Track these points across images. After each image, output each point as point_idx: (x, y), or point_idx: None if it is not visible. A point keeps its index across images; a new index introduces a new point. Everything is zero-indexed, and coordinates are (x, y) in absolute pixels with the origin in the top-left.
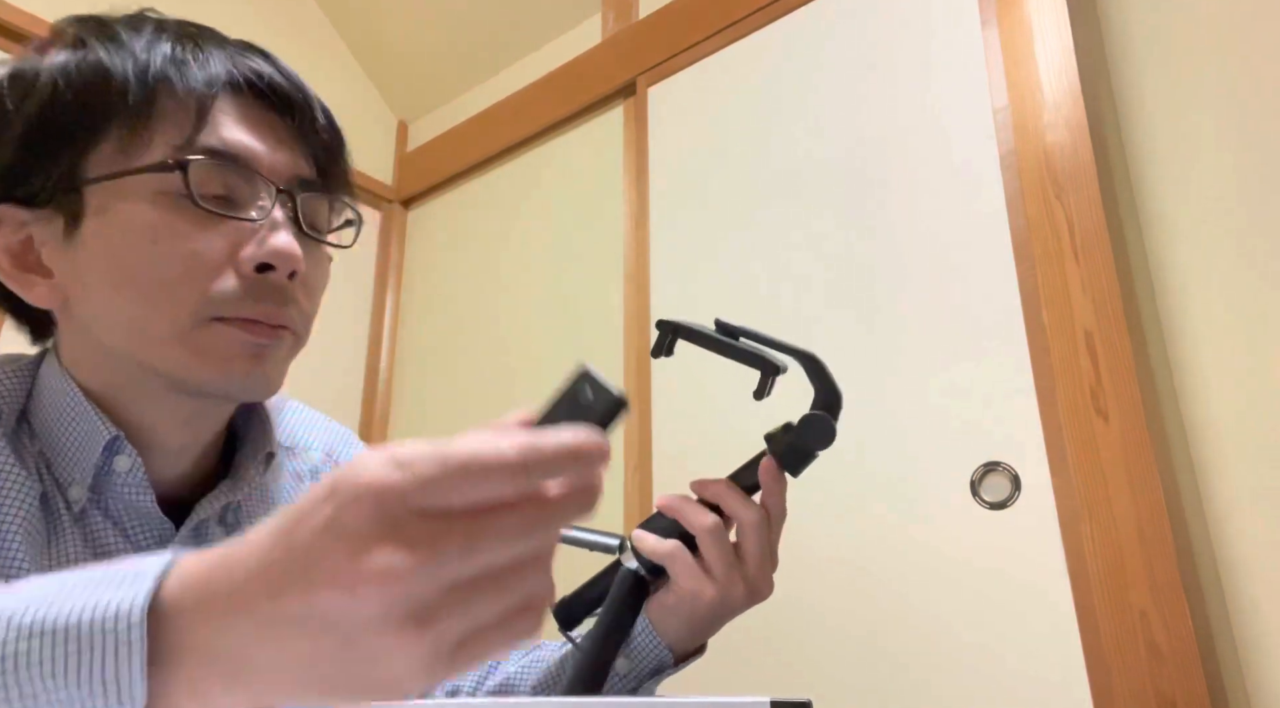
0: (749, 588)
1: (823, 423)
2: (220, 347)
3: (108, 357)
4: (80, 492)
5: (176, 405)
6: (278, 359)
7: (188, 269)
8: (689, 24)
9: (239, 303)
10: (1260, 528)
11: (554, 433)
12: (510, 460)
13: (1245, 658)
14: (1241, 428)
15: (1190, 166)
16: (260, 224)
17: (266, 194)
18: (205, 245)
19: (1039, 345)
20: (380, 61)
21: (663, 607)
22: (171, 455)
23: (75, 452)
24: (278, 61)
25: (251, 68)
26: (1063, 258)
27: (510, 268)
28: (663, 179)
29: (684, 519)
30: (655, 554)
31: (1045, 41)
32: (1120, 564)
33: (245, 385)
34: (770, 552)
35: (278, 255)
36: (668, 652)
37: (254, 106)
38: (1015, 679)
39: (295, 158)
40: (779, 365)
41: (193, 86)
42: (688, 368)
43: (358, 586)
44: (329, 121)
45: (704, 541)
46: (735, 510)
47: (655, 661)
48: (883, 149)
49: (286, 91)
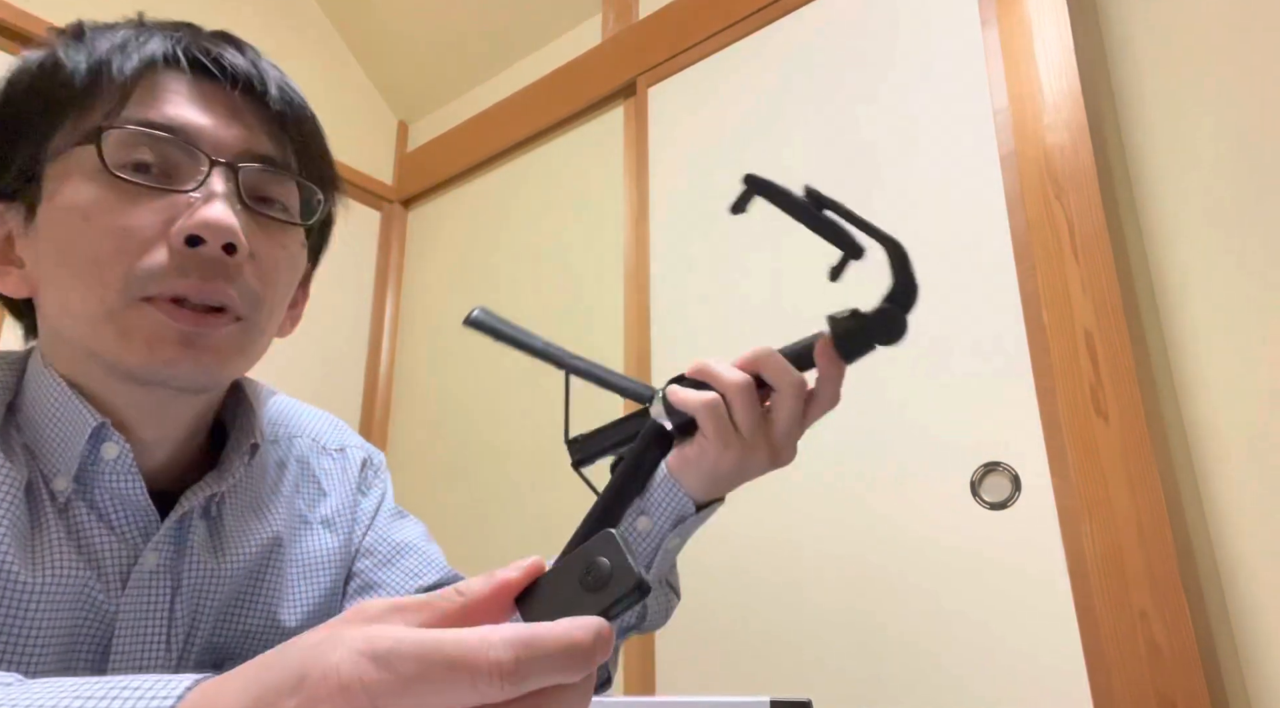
0: (772, 452)
1: (896, 316)
2: (145, 328)
3: (66, 344)
4: (65, 483)
5: (132, 393)
6: (218, 348)
7: (118, 245)
8: (689, 24)
9: (165, 277)
10: (1260, 528)
11: (551, 630)
12: (502, 666)
13: (1245, 658)
14: (1241, 428)
15: (1190, 167)
16: (196, 198)
17: (205, 167)
18: (137, 220)
19: (1039, 345)
20: (380, 62)
21: (684, 459)
22: (149, 446)
23: (60, 442)
24: (242, 44)
25: (201, 45)
26: (1063, 258)
27: (510, 268)
28: (663, 179)
29: (713, 378)
30: (688, 405)
31: (1045, 42)
32: (1120, 564)
33: (174, 372)
34: (800, 422)
35: (205, 226)
36: (688, 500)
37: (207, 84)
38: (1016, 679)
39: (251, 134)
40: (860, 248)
41: (127, 65)
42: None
43: None
44: (285, 96)
45: (733, 398)
46: (776, 376)
47: (676, 510)
48: (883, 149)
49: (237, 67)
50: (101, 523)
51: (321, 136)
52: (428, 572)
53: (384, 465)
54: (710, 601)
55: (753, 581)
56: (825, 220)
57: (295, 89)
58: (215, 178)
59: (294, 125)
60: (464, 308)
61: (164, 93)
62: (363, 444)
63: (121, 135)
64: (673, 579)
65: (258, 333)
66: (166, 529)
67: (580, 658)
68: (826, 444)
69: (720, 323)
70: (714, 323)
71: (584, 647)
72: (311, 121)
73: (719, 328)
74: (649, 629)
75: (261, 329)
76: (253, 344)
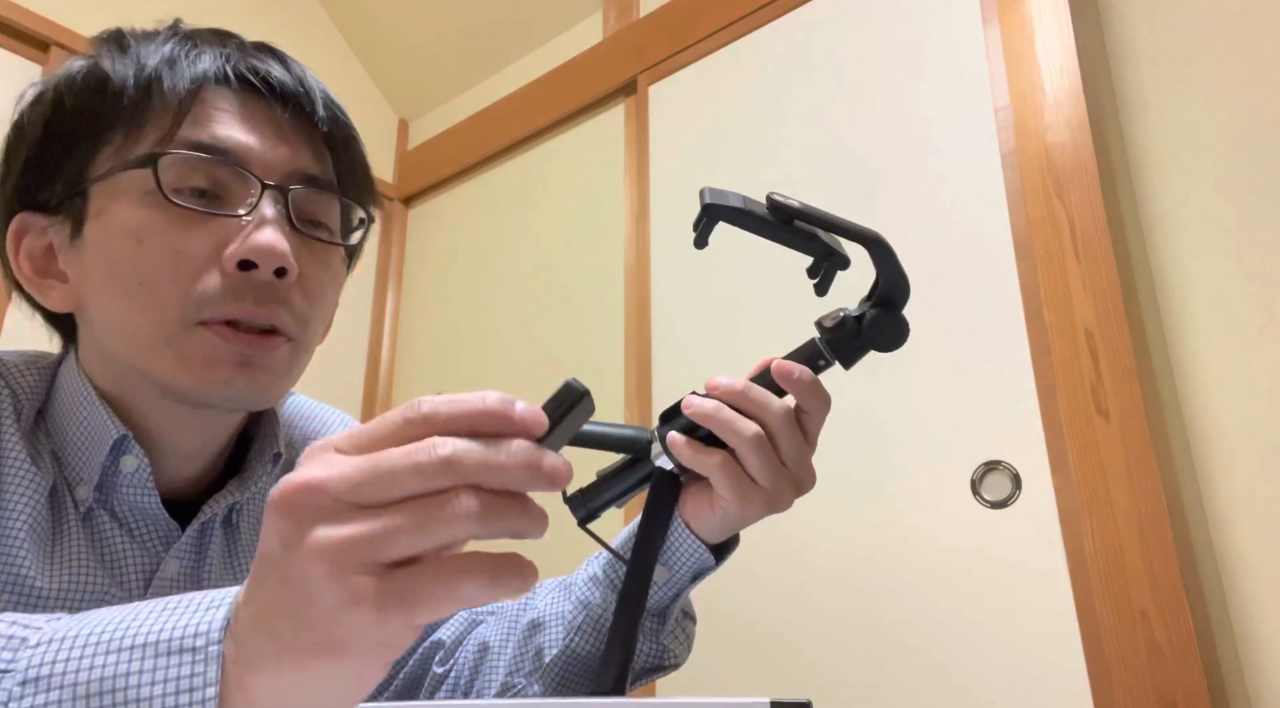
0: (794, 487)
1: (894, 321)
2: (203, 352)
3: (111, 361)
4: (87, 491)
5: (179, 412)
6: (271, 368)
7: (172, 269)
8: (690, 22)
9: (220, 302)
10: (1260, 527)
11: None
12: (450, 462)
13: (1245, 657)
14: (1241, 427)
15: (1191, 166)
16: (247, 221)
17: (256, 190)
18: (189, 244)
19: (1040, 344)
20: (381, 60)
21: (697, 511)
22: (183, 460)
23: (84, 450)
24: (286, 58)
25: (249, 63)
26: (1064, 257)
27: (511, 266)
28: (663, 177)
29: (725, 433)
30: (697, 465)
31: (1046, 40)
32: (1120, 563)
33: (229, 394)
34: (811, 442)
35: (258, 251)
36: (708, 555)
37: (255, 102)
38: (1016, 678)
39: (297, 154)
40: (844, 256)
41: (179, 83)
42: (688, 367)
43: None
44: (332, 115)
45: (748, 455)
46: (763, 414)
47: (696, 563)
48: (884, 148)
49: (285, 85)
50: (123, 531)
51: (363, 153)
52: None
53: None
54: (710, 601)
55: (752, 581)
56: (799, 231)
57: (340, 106)
58: (266, 202)
59: (340, 145)
60: (463, 306)
61: (214, 112)
62: None
63: (176, 160)
64: (688, 607)
65: (305, 351)
66: (188, 537)
67: (489, 412)
68: (826, 444)
69: (721, 322)
70: (714, 321)
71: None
72: (355, 139)
73: (719, 327)
74: (677, 664)
75: (308, 347)
76: (300, 362)
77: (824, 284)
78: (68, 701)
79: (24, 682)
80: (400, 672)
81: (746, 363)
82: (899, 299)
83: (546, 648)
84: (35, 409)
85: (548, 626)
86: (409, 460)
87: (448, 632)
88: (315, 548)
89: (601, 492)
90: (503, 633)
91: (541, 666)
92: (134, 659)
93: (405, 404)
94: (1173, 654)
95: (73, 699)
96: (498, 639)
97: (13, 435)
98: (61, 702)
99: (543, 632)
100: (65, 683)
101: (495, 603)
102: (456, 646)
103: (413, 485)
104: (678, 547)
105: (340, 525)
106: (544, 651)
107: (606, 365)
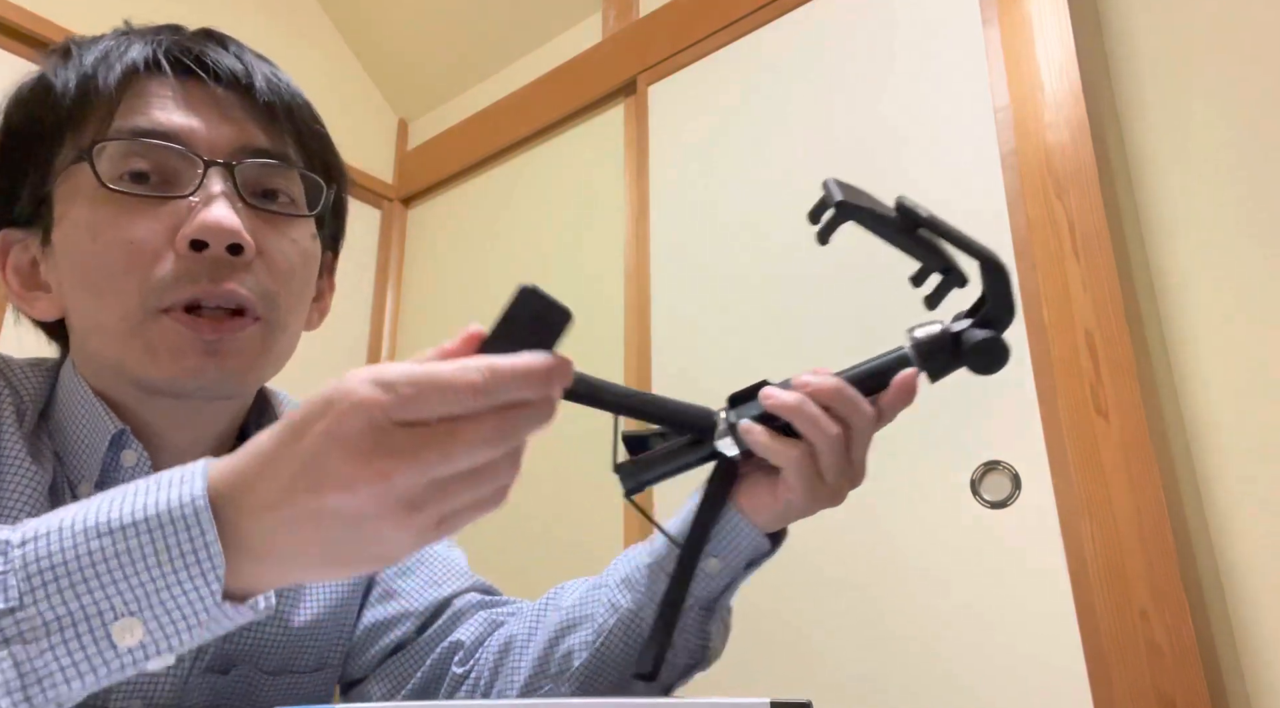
0: (851, 485)
1: (999, 347)
2: (168, 343)
3: (95, 361)
4: (88, 489)
5: (164, 405)
6: (242, 352)
7: (128, 259)
8: (689, 22)
9: (176, 286)
10: (1260, 528)
11: (512, 359)
12: (476, 384)
13: (1245, 658)
14: (1241, 428)
15: (1191, 165)
16: (195, 202)
17: (201, 169)
18: (141, 232)
19: (1039, 344)
20: (381, 60)
21: (756, 501)
22: (180, 453)
23: (84, 448)
24: (226, 39)
25: (183, 46)
26: (1063, 257)
27: (510, 266)
28: (663, 178)
29: (808, 429)
30: (773, 456)
31: (1046, 41)
32: (1120, 564)
33: (201, 383)
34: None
35: (206, 229)
36: (764, 539)
37: (194, 86)
38: (1016, 678)
39: (242, 130)
40: (963, 276)
41: (110, 76)
42: (688, 366)
43: (357, 486)
44: (273, 87)
45: (826, 453)
46: (852, 416)
47: (750, 549)
48: (883, 148)
49: (220, 63)
50: None
51: (318, 123)
52: (448, 578)
53: None
54: None
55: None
56: (920, 239)
57: (285, 79)
58: (212, 179)
59: (286, 115)
60: (463, 306)
61: (151, 99)
62: None
63: (113, 148)
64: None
65: (279, 331)
66: None
67: (535, 378)
68: None
69: (720, 322)
70: (714, 321)
71: (537, 370)
72: (305, 108)
73: (719, 327)
74: (716, 656)
75: (283, 326)
76: (276, 343)
77: (936, 298)
78: (79, 583)
79: (28, 576)
80: (417, 672)
81: (746, 363)
82: (1003, 324)
83: (577, 651)
84: (39, 410)
85: (578, 628)
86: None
87: (467, 633)
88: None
89: (654, 467)
90: (525, 633)
91: (570, 668)
92: (130, 537)
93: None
94: (1173, 655)
95: (83, 582)
96: (521, 640)
97: (13, 434)
98: (71, 587)
99: (573, 634)
100: (70, 570)
101: (517, 604)
102: (477, 646)
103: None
104: (731, 534)
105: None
106: (574, 653)
107: (606, 365)
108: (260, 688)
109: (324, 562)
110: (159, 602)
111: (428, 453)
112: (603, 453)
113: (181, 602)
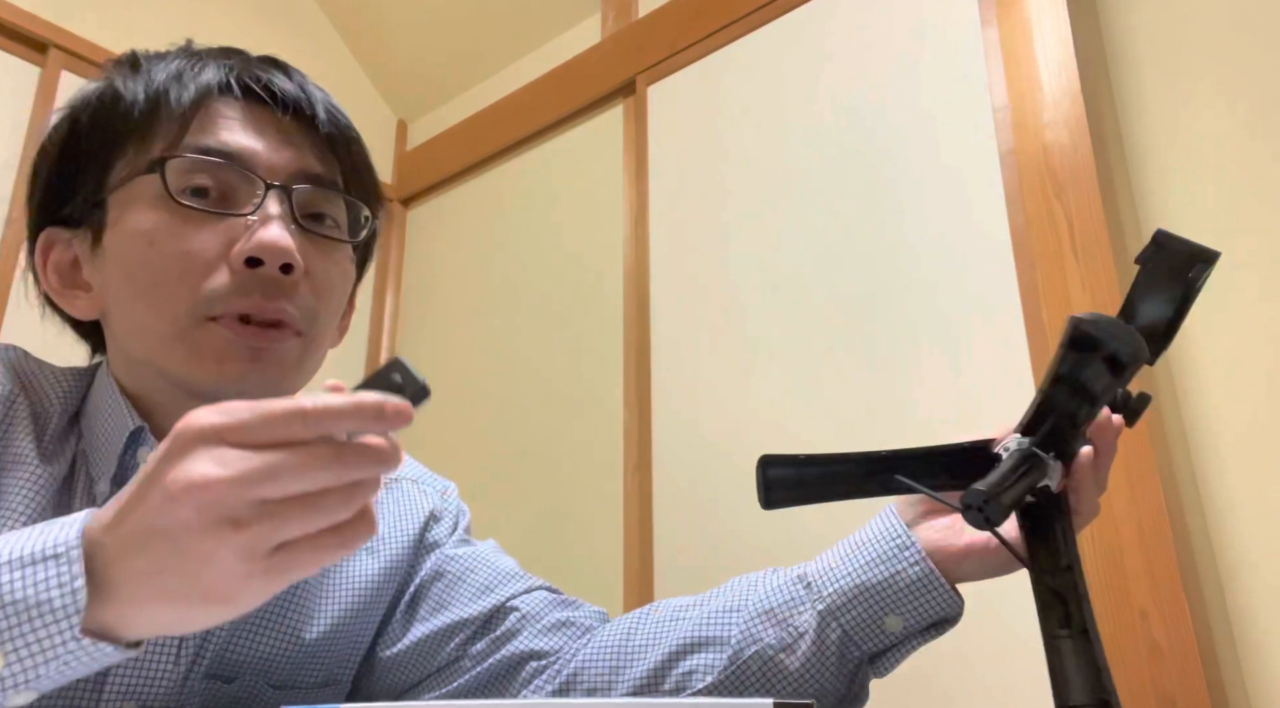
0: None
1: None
2: (214, 346)
3: (132, 362)
4: (105, 486)
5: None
6: (280, 362)
7: (182, 268)
8: (689, 23)
9: (229, 298)
10: (1260, 528)
11: (345, 396)
12: (305, 410)
13: (1245, 658)
14: (1241, 428)
15: (1190, 165)
16: (253, 220)
17: (261, 190)
18: (198, 244)
19: (1038, 344)
20: (380, 61)
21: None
22: None
23: (105, 444)
24: (289, 68)
25: (252, 73)
26: (1062, 257)
27: (510, 267)
28: (662, 178)
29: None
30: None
31: (1045, 40)
32: (1120, 564)
33: (243, 388)
34: None
35: (263, 248)
36: (957, 601)
37: (259, 110)
38: (1015, 679)
39: (300, 155)
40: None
41: (184, 95)
42: (688, 366)
43: (179, 496)
44: (333, 118)
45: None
46: (1105, 444)
47: (939, 612)
48: (882, 148)
49: (287, 92)
50: None
51: (366, 155)
52: (499, 583)
53: (455, 493)
54: None
55: None
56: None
57: (341, 111)
58: (270, 200)
59: (342, 146)
60: (463, 308)
61: (219, 120)
62: (431, 476)
63: (182, 163)
64: None
65: (315, 347)
66: None
67: (365, 413)
68: (826, 444)
69: (720, 322)
70: (714, 322)
71: (367, 407)
72: (358, 142)
73: (719, 327)
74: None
75: (318, 344)
76: (310, 358)
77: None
78: None
79: None
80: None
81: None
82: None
83: (700, 672)
84: (70, 413)
85: (705, 649)
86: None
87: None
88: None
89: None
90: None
91: (689, 687)
92: (2, 574)
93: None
94: (1173, 655)
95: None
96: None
97: (22, 440)
98: None
99: (698, 654)
100: None
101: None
102: (556, 650)
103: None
104: (919, 591)
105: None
106: (696, 673)
107: (606, 365)
108: (264, 701)
109: (162, 594)
110: (19, 634)
111: (251, 469)
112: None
113: (42, 635)
